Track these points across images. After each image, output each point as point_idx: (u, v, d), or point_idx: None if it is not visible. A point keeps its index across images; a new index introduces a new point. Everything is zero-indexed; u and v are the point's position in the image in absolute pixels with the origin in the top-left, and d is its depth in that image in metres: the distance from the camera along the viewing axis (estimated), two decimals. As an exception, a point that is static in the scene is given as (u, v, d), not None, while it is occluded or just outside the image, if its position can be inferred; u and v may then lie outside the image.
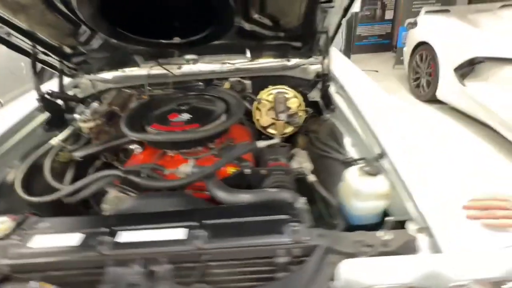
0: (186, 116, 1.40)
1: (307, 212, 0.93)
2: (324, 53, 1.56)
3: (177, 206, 1.03)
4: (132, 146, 1.51)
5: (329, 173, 1.28)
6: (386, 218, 0.83)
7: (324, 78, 1.58)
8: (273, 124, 1.74)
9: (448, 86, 3.77)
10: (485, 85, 3.23)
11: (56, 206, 1.28)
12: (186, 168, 1.26)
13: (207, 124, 1.33)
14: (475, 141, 3.40)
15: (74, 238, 0.88)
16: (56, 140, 1.49)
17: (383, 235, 0.83)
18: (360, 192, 1.03)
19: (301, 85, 1.85)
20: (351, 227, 1.10)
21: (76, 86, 1.95)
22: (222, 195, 1.05)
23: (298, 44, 1.61)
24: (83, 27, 1.42)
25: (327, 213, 1.19)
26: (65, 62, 1.69)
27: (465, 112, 3.64)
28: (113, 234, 0.88)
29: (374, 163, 1.09)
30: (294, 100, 1.72)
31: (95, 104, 1.73)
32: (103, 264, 0.83)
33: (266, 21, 1.40)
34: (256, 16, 1.36)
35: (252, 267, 0.83)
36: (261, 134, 1.78)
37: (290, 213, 0.89)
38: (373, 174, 1.03)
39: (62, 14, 1.28)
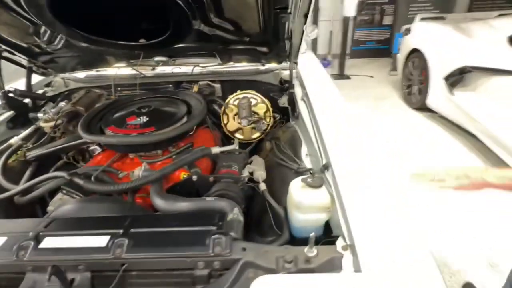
0: (144, 119, 1.39)
1: (239, 223, 0.91)
2: (290, 59, 1.54)
3: (113, 211, 1.02)
4: (92, 147, 1.50)
5: (283, 182, 1.26)
6: (311, 234, 0.81)
7: (289, 84, 1.55)
8: (240, 129, 1.72)
9: (437, 95, 3.73)
10: (473, 95, 3.19)
11: (8, 207, 1.27)
12: (138, 172, 1.25)
13: (163, 128, 1.31)
14: (461, 150, 3.35)
15: (-3, 242, 0.86)
16: (16, 139, 1.49)
17: (309, 251, 0.81)
18: (301, 204, 1.00)
19: (272, 91, 1.83)
20: (296, 240, 1.08)
21: (48, 85, 1.94)
22: (159, 202, 1.03)
23: (264, 49, 1.59)
24: (44, 27, 1.41)
25: (275, 223, 1.16)
26: (33, 61, 1.68)
27: (452, 121, 3.60)
28: (38, 239, 0.86)
29: (319, 175, 1.07)
30: (261, 106, 1.70)
31: (62, 104, 1.73)
32: (23, 270, 0.82)
33: (228, 26, 1.38)
34: (216, 20, 1.34)
35: (172, 278, 0.81)
36: (229, 139, 1.77)
37: (218, 224, 0.87)
38: (315, 186, 1.01)
39: (18, 13, 1.27)
